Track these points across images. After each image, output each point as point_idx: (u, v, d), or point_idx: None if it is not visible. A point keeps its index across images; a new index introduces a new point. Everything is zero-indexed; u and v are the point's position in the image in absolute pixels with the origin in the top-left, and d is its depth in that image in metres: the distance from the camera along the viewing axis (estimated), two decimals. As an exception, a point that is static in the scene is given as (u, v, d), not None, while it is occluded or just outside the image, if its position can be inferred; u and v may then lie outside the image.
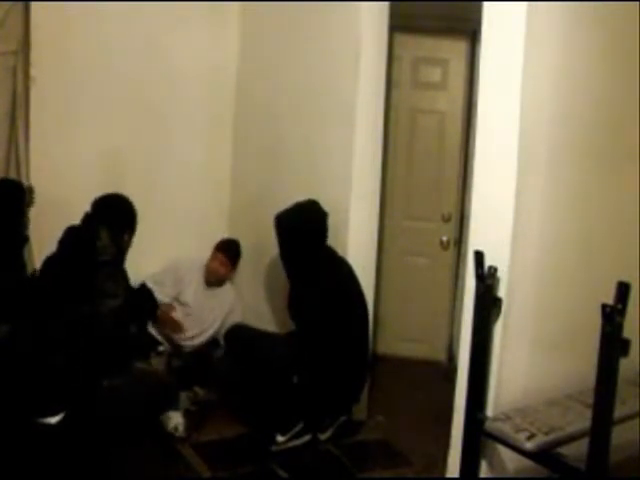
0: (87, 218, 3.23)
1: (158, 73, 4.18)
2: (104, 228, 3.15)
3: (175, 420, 3.38)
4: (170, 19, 4.17)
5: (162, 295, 4.03)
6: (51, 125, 3.84)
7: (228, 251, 4.16)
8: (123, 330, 3.25)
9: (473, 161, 2.95)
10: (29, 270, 3.50)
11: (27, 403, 2.87)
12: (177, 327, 3.95)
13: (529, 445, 2.48)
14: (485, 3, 2.81)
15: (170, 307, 4.00)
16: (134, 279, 3.43)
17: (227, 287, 4.20)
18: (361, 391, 3.60)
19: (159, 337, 3.94)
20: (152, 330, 3.95)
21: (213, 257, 4.15)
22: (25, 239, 3.42)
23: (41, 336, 2.96)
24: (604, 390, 2.31)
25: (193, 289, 4.07)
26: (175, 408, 3.42)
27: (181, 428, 3.37)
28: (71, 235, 3.17)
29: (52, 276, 3.15)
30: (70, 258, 3.13)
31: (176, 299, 4.07)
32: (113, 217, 3.25)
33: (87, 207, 3.32)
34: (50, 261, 3.20)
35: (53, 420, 2.89)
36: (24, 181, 3.69)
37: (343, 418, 3.54)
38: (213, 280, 4.14)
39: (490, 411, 2.77)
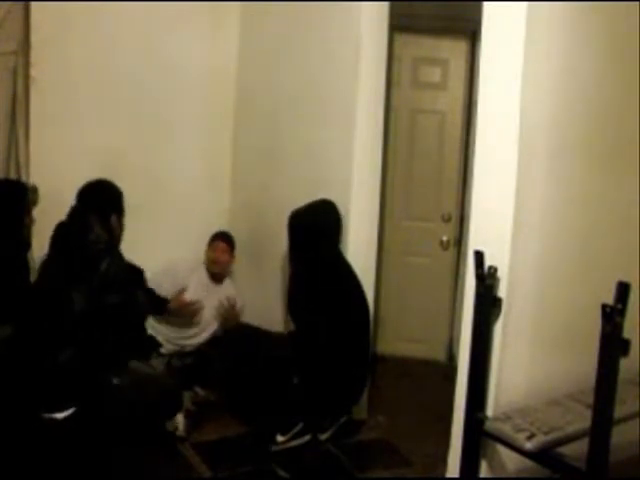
0: (74, 210, 3.21)
1: (158, 73, 4.18)
2: (93, 216, 3.13)
3: (175, 420, 3.38)
4: (170, 19, 4.17)
5: None
6: (51, 125, 3.84)
7: (227, 239, 4.13)
8: (125, 323, 3.25)
9: (473, 161, 2.95)
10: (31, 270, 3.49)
11: (35, 398, 2.87)
12: (194, 310, 3.88)
13: (529, 445, 2.48)
14: (485, 3, 2.81)
15: (181, 293, 3.91)
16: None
17: (227, 285, 4.19)
18: (362, 392, 3.60)
19: (159, 337, 3.94)
20: (156, 328, 3.95)
21: (213, 247, 4.10)
22: (27, 245, 3.41)
23: (48, 332, 2.96)
24: (604, 390, 2.31)
25: (193, 290, 4.06)
26: (175, 408, 3.42)
27: (181, 428, 3.37)
28: (62, 230, 3.15)
29: (51, 275, 3.15)
30: (66, 253, 3.12)
31: None
32: (99, 202, 3.24)
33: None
34: (46, 262, 3.20)
35: (60, 416, 2.89)
36: (25, 180, 3.70)
37: (343, 418, 3.55)
38: (217, 270, 4.08)
39: (490, 411, 2.77)
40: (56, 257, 3.14)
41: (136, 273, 3.64)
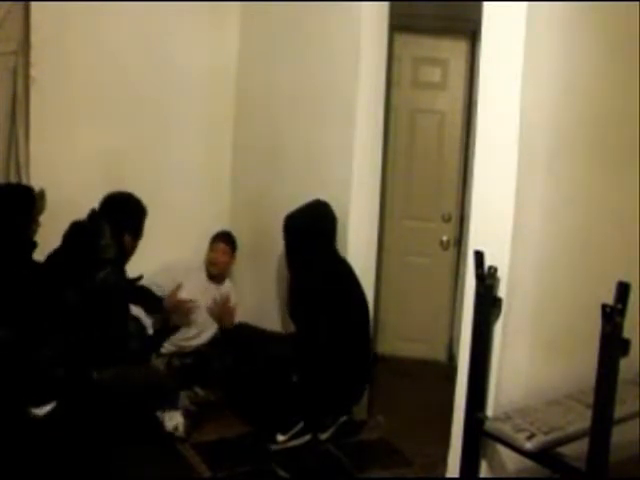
0: (92, 214, 3.25)
1: (158, 73, 4.18)
2: (108, 226, 3.16)
3: (175, 420, 3.38)
4: (170, 19, 4.17)
5: None
6: (51, 125, 3.84)
7: (228, 240, 4.13)
8: (119, 326, 3.27)
9: (473, 161, 2.95)
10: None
11: (15, 393, 2.88)
12: (188, 308, 3.89)
13: (529, 445, 2.48)
14: (485, 3, 2.81)
15: (175, 291, 3.90)
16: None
17: (226, 286, 4.19)
18: (362, 392, 3.60)
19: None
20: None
21: (213, 248, 4.10)
22: (34, 245, 3.42)
23: (31, 326, 2.98)
24: (604, 390, 2.31)
25: (190, 290, 4.05)
26: (175, 408, 3.42)
27: (181, 428, 3.37)
28: (75, 230, 3.19)
29: (51, 268, 3.17)
30: (71, 252, 3.14)
31: None
32: (117, 216, 3.27)
33: (87, 206, 3.33)
34: (53, 254, 3.22)
35: (41, 411, 2.90)
36: (25, 181, 3.71)
37: (343, 418, 3.55)
38: (216, 271, 4.08)
39: (490, 411, 2.77)
40: (63, 251, 3.17)
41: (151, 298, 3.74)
